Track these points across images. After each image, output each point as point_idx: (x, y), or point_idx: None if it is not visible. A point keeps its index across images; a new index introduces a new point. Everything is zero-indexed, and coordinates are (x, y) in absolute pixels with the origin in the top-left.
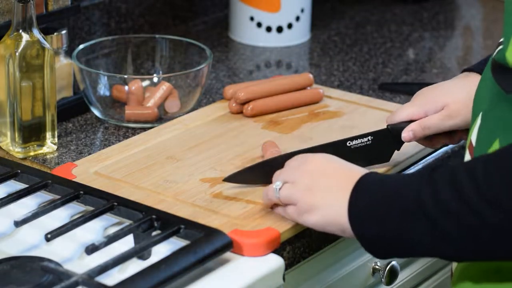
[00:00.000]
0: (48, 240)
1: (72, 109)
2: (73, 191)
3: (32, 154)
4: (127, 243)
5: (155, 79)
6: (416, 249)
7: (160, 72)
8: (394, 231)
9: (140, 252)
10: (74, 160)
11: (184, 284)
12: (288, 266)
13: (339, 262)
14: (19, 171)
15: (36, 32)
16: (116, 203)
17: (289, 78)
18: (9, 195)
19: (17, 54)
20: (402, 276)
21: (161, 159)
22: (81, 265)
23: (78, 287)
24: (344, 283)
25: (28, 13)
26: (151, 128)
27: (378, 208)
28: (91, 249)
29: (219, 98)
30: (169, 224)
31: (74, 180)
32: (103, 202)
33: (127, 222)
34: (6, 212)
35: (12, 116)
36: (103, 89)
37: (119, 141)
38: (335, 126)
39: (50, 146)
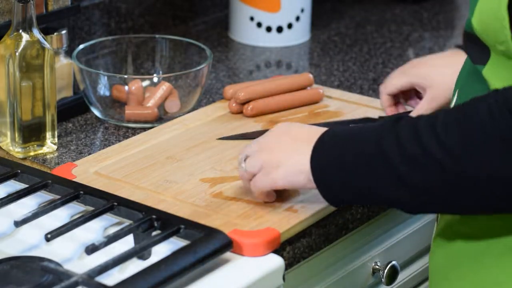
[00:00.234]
0: (48, 240)
1: (72, 109)
2: (73, 191)
3: (32, 154)
4: (127, 243)
5: (155, 79)
6: (376, 196)
7: (160, 72)
8: (354, 177)
9: (140, 252)
10: (74, 160)
11: (184, 284)
12: (288, 266)
13: (339, 262)
14: (19, 171)
15: (36, 32)
16: (116, 203)
17: (289, 78)
18: (9, 195)
19: (17, 54)
20: (402, 276)
21: (161, 159)
22: (81, 265)
23: (78, 287)
24: (344, 283)
25: (28, 13)
26: (151, 128)
27: (340, 154)
28: (91, 249)
29: (219, 98)
30: (169, 224)
31: (74, 180)
32: (103, 202)
33: (127, 222)
34: (6, 212)
35: (12, 116)
36: (103, 89)
37: (119, 141)
38: None
39: (50, 146)
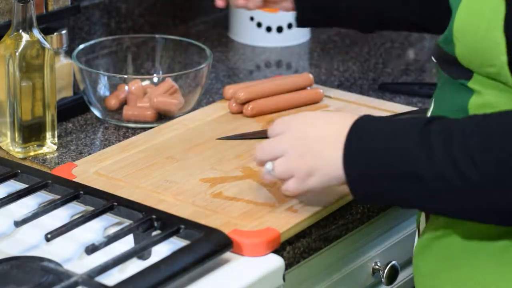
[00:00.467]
0: (48, 240)
1: (72, 109)
2: (73, 191)
3: (32, 154)
4: (127, 243)
5: (155, 79)
6: (405, 202)
7: (160, 72)
8: (384, 184)
9: (140, 252)
10: (74, 160)
11: (184, 284)
12: (288, 266)
13: (339, 262)
14: (19, 171)
15: (36, 32)
16: (116, 203)
17: (289, 78)
18: (9, 195)
19: (17, 54)
20: (402, 276)
21: (161, 159)
22: (81, 265)
23: (78, 287)
24: (344, 283)
25: (28, 13)
26: (151, 128)
27: (370, 165)
28: (91, 249)
29: (219, 98)
30: (169, 224)
31: (74, 180)
32: (103, 202)
33: (127, 222)
34: (6, 212)
35: (12, 116)
36: (103, 89)
37: (119, 141)
38: None
39: (50, 146)
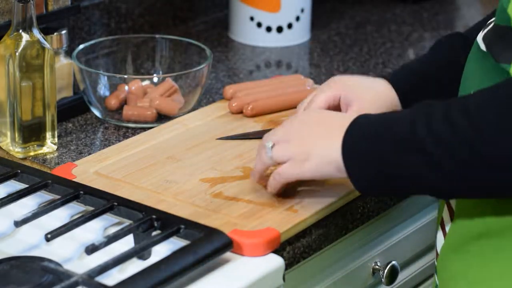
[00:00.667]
0: (48, 240)
1: (72, 109)
2: (73, 191)
3: (32, 154)
4: (127, 243)
5: (155, 79)
6: (409, 184)
7: (160, 72)
8: (388, 166)
9: (140, 252)
10: (74, 160)
11: (184, 284)
12: (288, 266)
13: (339, 262)
14: (19, 171)
15: (36, 32)
16: (116, 203)
17: (287, 79)
18: (9, 195)
19: (17, 54)
20: (402, 276)
21: (161, 159)
22: (81, 265)
23: (78, 287)
24: (344, 283)
25: (28, 13)
26: (151, 128)
27: (371, 144)
28: (91, 249)
29: (219, 98)
30: (169, 224)
31: (74, 180)
32: (103, 202)
33: (127, 222)
34: (6, 212)
35: (12, 116)
36: (103, 89)
37: (119, 141)
38: None
39: (50, 146)
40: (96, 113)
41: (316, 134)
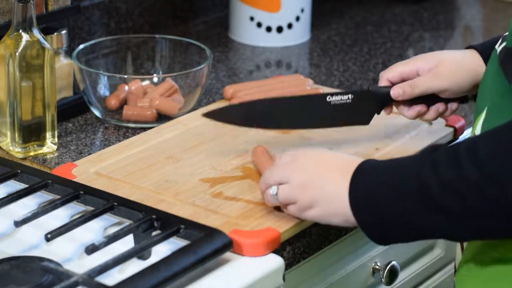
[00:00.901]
0: (48, 240)
1: (72, 109)
2: (73, 191)
3: (32, 154)
4: (127, 243)
5: (155, 79)
6: (419, 232)
7: (160, 72)
8: (397, 215)
9: (140, 252)
10: (74, 160)
11: (184, 284)
12: (288, 266)
13: (339, 262)
14: (19, 171)
15: (36, 32)
16: (116, 203)
17: (288, 78)
18: (9, 195)
19: (17, 54)
20: (402, 276)
21: (161, 159)
22: (81, 265)
23: (78, 287)
24: (344, 283)
25: (28, 13)
26: (151, 128)
27: (379, 193)
28: (91, 249)
29: (219, 98)
30: (169, 224)
31: (74, 180)
32: (103, 202)
33: (127, 222)
34: (6, 212)
35: (12, 116)
36: (103, 89)
37: (119, 141)
38: None
39: (50, 146)
40: (96, 113)
41: (320, 182)
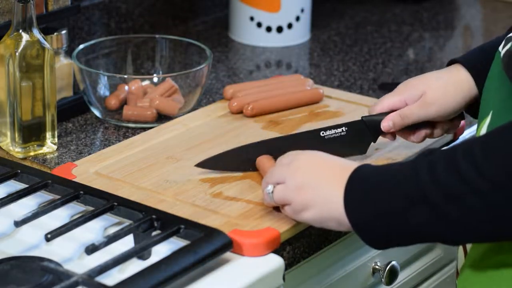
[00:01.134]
0: (48, 240)
1: (72, 109)
2: (73, 191)
3: (32, 154)
4: (127, 243)
5: (155, 79)
6: (416, 235)
7: (160, 72)
8: (393, 219)
9: (140, 252)
10: (74, 160)
11: (184, 284)
12: (288, 266)
13: (339, 262)
14: (19, 171)
15: (36, 32)
16: (116, 203)
17: (288, 78)
18: (9, 195)
19: (17, 54)
20: (402, 276)
21: (161, 159)
22: (81, 265)
23: (78, 287)
24: (344, 283)
25: (28, 13)
26: (151, 128)
27: (375, 198)
28: (91, 249)
29: (219, 98)
30: (169, 224)
31: (74, 180)
32: (103, 202)
33: (127, 222)
34: (6, 212)
35: (12, 116)
36: (103, 89)
37: (119, 141)
38: None
39: (50, 146)
40: (96, 113)
41: (315, 186)
